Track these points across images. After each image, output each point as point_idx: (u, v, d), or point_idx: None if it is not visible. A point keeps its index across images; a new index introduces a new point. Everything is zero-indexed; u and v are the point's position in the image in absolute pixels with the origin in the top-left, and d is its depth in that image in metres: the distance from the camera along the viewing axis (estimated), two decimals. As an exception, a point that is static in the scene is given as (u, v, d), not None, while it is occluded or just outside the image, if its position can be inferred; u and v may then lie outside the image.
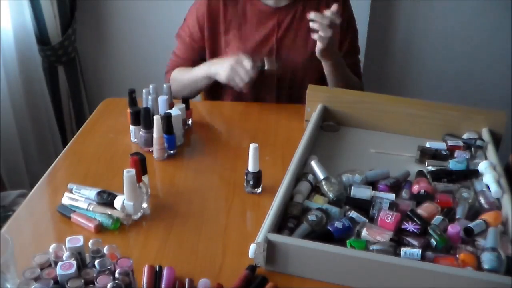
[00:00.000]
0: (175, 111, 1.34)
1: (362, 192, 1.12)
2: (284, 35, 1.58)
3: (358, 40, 1.71)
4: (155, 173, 1.28)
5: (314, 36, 1.38)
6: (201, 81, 1.56)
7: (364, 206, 1.08)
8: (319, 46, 1.40)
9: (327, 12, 1.35)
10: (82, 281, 0.85)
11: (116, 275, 0.85)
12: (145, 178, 1.13)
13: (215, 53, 1.62)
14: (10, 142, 2.06)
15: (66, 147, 1.37)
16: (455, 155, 1.28)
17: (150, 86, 1.41)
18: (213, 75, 1.50)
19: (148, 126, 1.29)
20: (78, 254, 0.90)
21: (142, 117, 1.30)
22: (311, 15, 1.35)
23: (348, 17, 1.63)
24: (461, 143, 1.31)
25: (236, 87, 1.46)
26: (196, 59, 1.65)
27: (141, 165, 1.11)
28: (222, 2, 1.57)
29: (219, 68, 1.47)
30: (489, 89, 2.57)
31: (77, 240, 0.91)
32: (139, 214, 1.10)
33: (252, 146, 1.14)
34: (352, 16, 1.66)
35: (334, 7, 1.35)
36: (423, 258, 0.94)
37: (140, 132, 1.32)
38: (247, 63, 1.41)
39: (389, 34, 2.53)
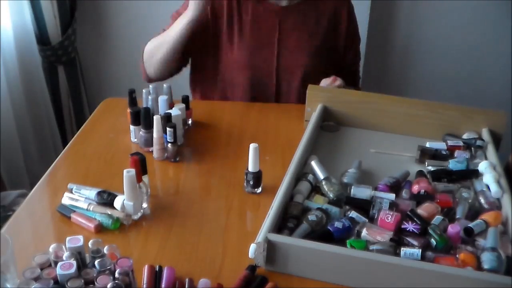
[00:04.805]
0: (175, 111, 1.34)
1: (362, 192, 1.12)
2: (285, 35, 1.58)
3: (359, 47, 1.75)
4: (155, 173, 1.28)
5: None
6: (180, 35, 1.50)
7: (364, 206, 1.08)
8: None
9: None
10: (82, 281, 0.85)
11: (116, 275, 0.85)
12: (145, 178, 1.13)
13: (216, 46, 1.60)
14: (10, 142, 2.06)
15: (66, 147, 1.37)
16: (455, 155, 1.28)
17: (150, 86, 1.41)
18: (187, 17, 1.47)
19: (148, 126, 1.29)
20: (78, 254, 0.90)
21: (142, 117, 1.30)
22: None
23: (354, 26, 1.67)
24: (461, 143, 1.31)
25: None
26: None
27: (141, 165, 1.11)
28: None
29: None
30: (489, 89, 2.57)
31: (77, 240, 0.91)
32: (139, 214, 1.10)
33: (252, 146, 1.14)
34: (356, 25, 1.69)
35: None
36: (423, 258, 0.94)
37: (140, 132, 1.32)
38: None
39: (389, 34, 2.53)
